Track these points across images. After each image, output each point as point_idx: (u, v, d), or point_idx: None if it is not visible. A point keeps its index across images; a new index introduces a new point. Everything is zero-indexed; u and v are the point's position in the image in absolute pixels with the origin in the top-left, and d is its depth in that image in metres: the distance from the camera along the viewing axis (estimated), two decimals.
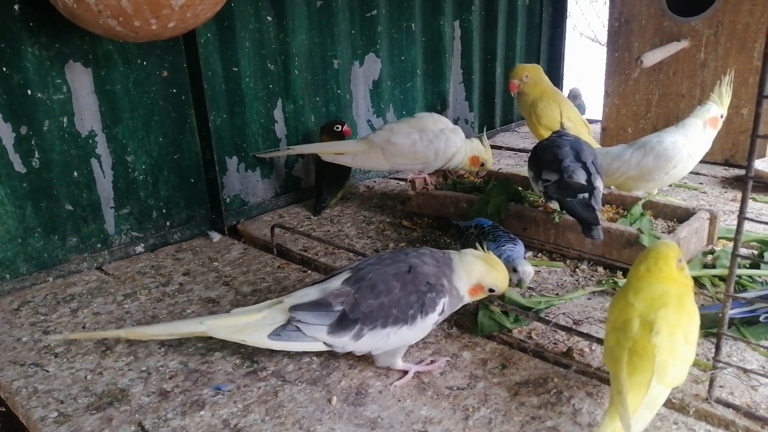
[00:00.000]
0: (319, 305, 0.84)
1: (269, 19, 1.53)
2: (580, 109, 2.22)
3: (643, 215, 1.25)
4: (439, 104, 2.12)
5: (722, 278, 1.09)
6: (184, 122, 1.42)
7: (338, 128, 1.61)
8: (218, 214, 1.49)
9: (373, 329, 0.83)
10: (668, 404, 0.79)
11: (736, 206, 1.50)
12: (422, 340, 0.94)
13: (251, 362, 0.92)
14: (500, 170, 1.61)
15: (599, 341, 0.87)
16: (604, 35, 2.47)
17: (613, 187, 1.41)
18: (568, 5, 2.67)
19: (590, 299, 1.07)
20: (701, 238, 1.20)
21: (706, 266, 1.13)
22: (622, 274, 1.14)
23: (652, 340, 0.69)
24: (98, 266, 1.31)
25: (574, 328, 0.93)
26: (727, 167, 1.82)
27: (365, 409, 0.81)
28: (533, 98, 1.78)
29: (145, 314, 1.09)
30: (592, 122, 2.06)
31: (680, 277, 0.74)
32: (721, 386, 0.81)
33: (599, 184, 1.15)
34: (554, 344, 0.94)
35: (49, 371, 0.92)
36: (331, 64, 1.71)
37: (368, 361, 0.90)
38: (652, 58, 1.65)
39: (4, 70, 1.13)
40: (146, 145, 1.37)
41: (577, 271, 1.18)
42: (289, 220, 1.55)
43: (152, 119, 1.36)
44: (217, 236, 1.47)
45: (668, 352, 0.69)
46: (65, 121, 1.23)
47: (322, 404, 0.82)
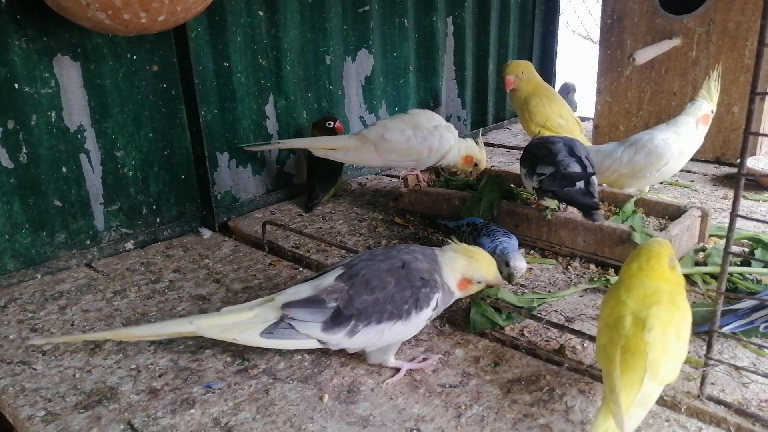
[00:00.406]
0: (312, 302, 0.83)
1: (261, 13, 1.52)
2: (572, 104, 2.22)
3: (635, 213, 1.25)
4: (431, 101, 2.12)
5: (714, 276, 1.09)
6: (174, 117, 1.40)
7: (330, 124, 1.60)
8: (209, 210, 1.48)
9: (367, 325, 0.82)
10: (660, 401, 0.79)
11: (726, 204, 1.50)
12: (414, 337, 0.93)
13: (242, 360, 0.91)
14: (492, 167, 1.61)
15: (591, 338, 0.87)
16: (596, 33, 2.47)
17: (605, 184, 1.41)
18: (560, 2, 2.67)
19: (582, 296, 1.07)
20: (693, 235, 1.21)
21: (697, 264, 1.14)
22: (614, 271, 1.14)
23: (644, 337, 0.69)
24: (87, 263, 1.30)
25: (566, 325, 0.93)
26: (717, 165, 1.83)
27: (357, 407, 0.80)
28: (526, 95, 1.77)
29: (134, 312, 1.08)
30: (584, 120, 2.06)
31: (672, 275, 0.74)
32: (712, 383, 0.81)
33: (593, 176, 1.16)
34: (546, 341, 0.94)
35: (36, 369, 0.90)
36: (323, 59, 1.70)
37: (360, 358, 0.90)
38: (644, 55, 1.65)
39: None
40: (136, 140, 1.35)
41: (569, 268, 1.18)
42: (280, 216, 1.55)
43: (142, 114, 1.35)
44: (207, 233, 1.45)
45: (660, 349, 0.69)
46: (53, 115, 1.21)
47: (313, 402, 0.82)
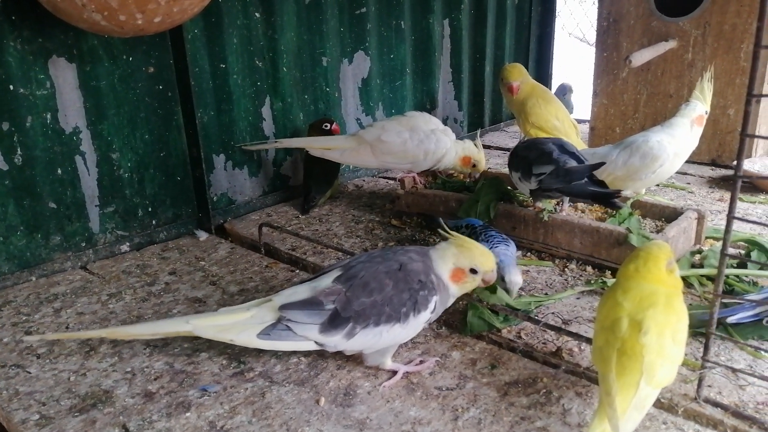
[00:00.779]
0: (309, 304, 0.83)
1: (257, 15, 1.52)
2: (568, 105, 2.22)
3: (631, 215, 1.25)
4: (428, 103, 2.12)
5: (710, 278, 1.09)
6: (170, 119, 1.40)
7: (327, 126, 1.60)
8: (205, 212, 1.48)
9: (365, 328, 0.82)
10: (657, 404, 0.78)
11: (722, 206, 1.51)
12: (411, 339, 0.93)
13: (238, 363, 0.91)
14: (490, 169, 1.61)
15: (588, 341, 0.87)
16: (592, 35, 2.48)
17: None
18: (557, 5, 2.68)
19: (579, 299, 1.07)
20: (689, 237, 1.21)
21: (693, 266, 1.14)
22: (610, 273, 1.14)
23: (640, 339, 0.69)
24: (82, 265, 1.29)
25: (563, 327, 0.93)
26: (713, 167, 1.83)
27: (354, 410, 0.80)
28: (524, 96, 1.78)
29: (130, 314, 1.07)
30: (580, 122, 2.06)
31: (669, 278, 0.74)
32: (709, 386, 0.81)
33: (598, 167, 1.16)
34: (543, 344, 0.93)
35: (30, 372, 0.90)
36: (319, 61, 1.70)
37: (357, 361, 0.90)
38: (640, 57, 1.65)
39: None
40: (132, 142, 1.35)
41: (566, 270, 1.18)
42: (277, 218, 1.54)
43: (138, 116, 1.34)
44: (203, 235, 1.45)
45: (657, 352, 0.68)
46: (49, 117, 1.21)
47: (310, 405, 0.81)
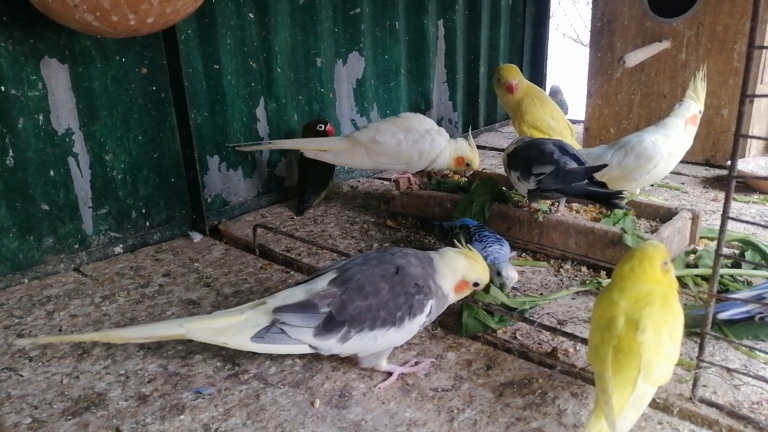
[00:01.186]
0: (304, 307, 0.82)
1: (251, 16, 1.52)
2: (561, 106, 2.23)
3: (626, 215, 1.25)
4: (423, 103, 2.12)
5: (705, 278, 1.09)
6: (164, 120, 1.39)
7: (321, 127, 1.60)
8: (199, 214, 1.47)
9: (360, 331, 0.81)
10: (652, 404, 0.78)
11: (717, 206, 1.51)
12: (406, 341, 0.93)
13: (232, 365, 0.90)
14: (484, 170, 1.61)
15: (584, 341, 0.87)
16: (586, 36, 2.48)
17: None
18: (551, 5, 2.69)
19: (574, 299, 1.07)
20: (684, 237, 1.21)
21: (688, 266, 1.14)
22: (605, 273, 1.14)
23: (638, 337, 0.69)
24: (75, 267, 1.28)
25: (558, 328, 0.93)
26: (707, 167, 1.84)
27: (349, 411, 0.80)
28: (519, 96, 1.78)
29: (123, 316, 1.07)
30: (574, 122, 2.07)
31: (664, 278, 0.74)
32: (704, 385, 0.81)
33: (600, 168, 1.16)
34: (539, 344, 0.93)
35: (23, 375, 0.89)
36: (314, 62, 1.70)
37: (352, 363, 0.89)
38: (634, 58, 1.66)
39: None
40: (125, 143, 1.34)
41: (561, 270, 1.18)
42: (271, 220, 1.54)
43: (131, 117, 1.34)
44: (198, 236, 1.44)
45: (654, 350, 0.68)
46: (41, 118, 1.20)
47: (305, 407, 0.81)
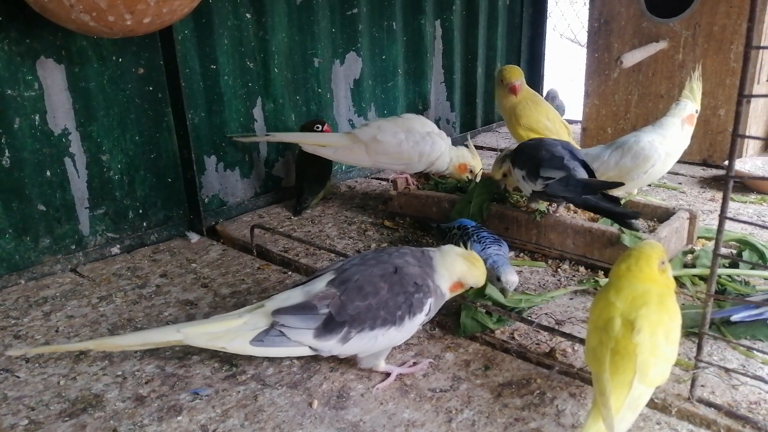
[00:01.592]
0: (303, 308, 0.82)
1: (248, 16, 1.51)
2: (559, 110, 2.23)
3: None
4: (420, 104, 2.12)
5: (702, 277, 1.09)
6: (161, 120, 1.39)
7: (318, 128, 1.59)
8: (196, 214, 1.47)
9: (360, 332, 0.81)
10: (651, 404, 0.78)
11: (714, 206, 1.51)
12: (405, 341, 0.93)
13: (230, 366, 0.90)
14: (482, 170, 1.61)
15: (582, 341, 0.87)
16: (583, 36, 2.48)
17: None
18: (548, 6, 2.69)
19: (572, 299, 1.07)
20: (681, 237, 1.21)
21: (686, 266, 1.14)
22: (603, 273, 1.14)
23: (633, 338, 0.69)
24: (72, 268, 1.28)
25: (556, 328, 0.93)
26: (705, 167, 1.84)
27: (347, 412, 0.80)
28: (519, 98, 1.77)
29: (120, 317, 1.06)
30: (572, 123, 2.07)
31: (661, 278, 0.74)
32: (702, 385, 0.81)
33: (616, 185, 1.14)
34: (537, 345, 0.93)
35: (20, 377, 0.89)
36: (311, 62, 1.69)
37: (350, 363, 0.89)
38: (631, 58, 1.66)
39: None
40: (122, 143, 1.34)
41: (558, 270, 1.18)
42: (269, 220, 1.53)
43: (128, 117, 1.33)
44: (195, 237, 1.44)
45: (650, 351, 0.68)
46: (37, 118, 1.19)
47: (302, 408, 0.81)
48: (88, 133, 1.28)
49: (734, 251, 1.20)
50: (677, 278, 1.07)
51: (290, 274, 1.23)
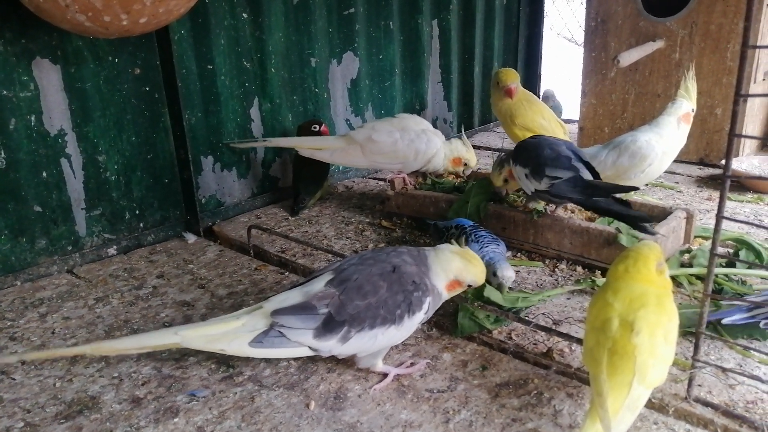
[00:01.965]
0: (303, 308, 0.82)
1: (245, 16, 1.51)
2: (555, 110, 2.24)
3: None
4: (417, 103, 2.12)
5: (699, 277, 1.09)
6: (157, 121, 1.39)
7: (316, 128, 1.59)
8: (193, 215, 1.46)
9: (360, 331, 0.81)
10: (648, 404, 0.78)
11: (711, 205, 1.51)
12: (402, 341, 0.92)
13: (227, 367, 0.90)
14: (479, 170, 1.61)
15: (579, 341, 0.87)
16: (580, 35, 2.48)
17: None
18: (545, 5, 2.69)
19: (569, 299, 1.07)
20: (678, 237, 1.21)
21: (683, 265, 1.14)
22: (600, 273, 1.14)
23: (632, 340, 0.69)
24: (69, 269, 1.28)
25: (553, 328, 0.93)
26: (701, 166, 1.84)
27: (344, 413, 0.79)
28: (515, 100, 1.77)
29: (117, 318, 1.06)
30: (569, 122, 2.07)
31: (659, 278, 0.74)
32: (699, 385, 0.81)
33: (629, 190, 1.12)
34: (534, 345, 0.93)
35: (15, 379, 0.88)
36: (308, 62, 1.69)
37: (347, 364, 0.89)
38: (628, 57, 1.66)
39: None
40: (118, 144, 1.33)
41: (556, 270, 1.18)
42: (266, 220, 1.53)
43: (124, 118, 1.33)
44: (192, 238, 1.44)
45: (649, 352, 0.68)
46: (33, 119, 1.19)
47: (300, 409, 0.80)
48: (84, 133, 1.27)
49: (731, 251, 1.20)
50: (674, 278, 1.07)
51: (287, 274, 1.22)
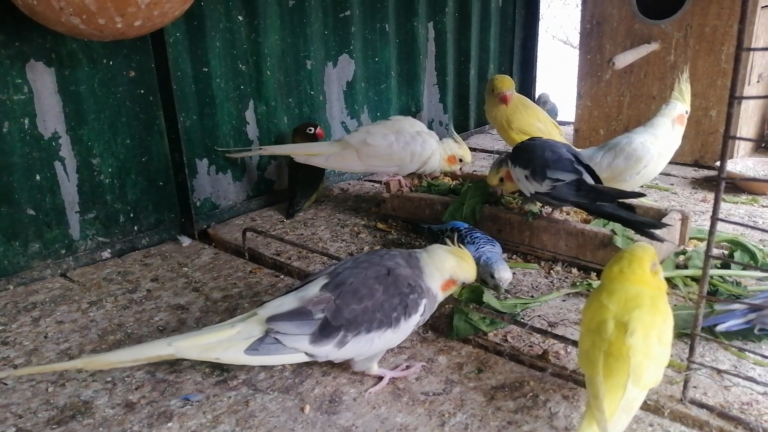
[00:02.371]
0: (298, 314, 0.81)
1: (240, 18, 1.51)
2: (551, 112, 2.24)
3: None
4: (413, 106, 2.11)
5: (694, 278, 1.10)
6: (152, 124, 1.38)
7: (311, 130, 1.59)
8: (188, 218, 1.46)
9: (357, 335, 0.80)
10: (643, 406, 0.78)
11: (706, 207, 1.52)
12: (397, 344, 0.92)
13: (221, 371, 0.89)
14: (475, 172, 1.61)
15: (574, 343, 0.87)
16: (576, 38, 2.49)
17: None
18: (540, 8, 2.69)
19: (565, 301, 1.07)
20: (673, 238, 1.21)
21: (678, 267, 1.14)
22: (596, 275, 1.14)
23: (626, 341, 0.69)
24: (62, 273, 1.27)
25: (549, 330, 0.93)
26: (696, 168, 1.85)
27: (339, 417, 0.79)
28: (510, 107, 1.77)
29: (111, 322, 1.06)
30: (564, 124, 2.07)
31: (653, 280, 0.74)
32: (695, 387, 0.81)
33: (635, 196, 1.11)
34: (530, 347, 0.93)
35: (7, 384, 0.88)
36: (304, 64, 1.69)
37: (342, 367, 0.89)
38: (623, 60, 1.66)
39: None
40: (113, 147, 1.33)
41: (551, 272, 1.18)
42: (261, 223, 1.53)
43: (119, 121, 1.32)
44: (186, 241, 1.43)
45: (643, 353, 0.68)
46: (27, 122, 1.19)
47: (294, 413, 0.80)
48: (78, 136, 1.27)
49: (726, 252, 1.20)
50: (669, 279, 1.07)
51: (282, 277, 1.22)
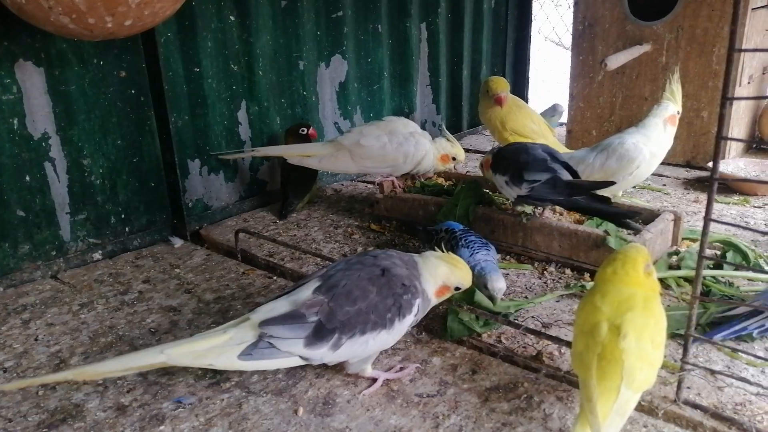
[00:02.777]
0: (291, 317, 0.80)
1: (232, 18, 1.50)
2: (556, 114, 2.26)
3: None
4: (406, 107, 2.11)
5: (687, 279, 1.10)
6: (143, 124, 1.37)
7: (304, 131, 1.58)
8: (180, 219, 1.45)
9: (351, 337, 0.80)
10: (637, 407, 0.78)
11: (698, 207, 1.52)
12: (391, 346, 0.92)
13: (214, 374, 0.89)
14: (468, 173, 1.61)
15: (568, 344, 0.86)
16: (568, 39, 2.50)
17: None
18: (533, 9, 2.70)
19: (558, 302, 1.07)
20: (666, 239, 1.22)
21: (671, 267, 1.15)
22: (589, 275, 1.15)
23: (619, 344, 0.68)
24: (53, 275, 1.26)
25: (543, 331, 0.93)
26: (688, 169, 1.86)
27: (333, 419, 0.79)
28: (505, 108, 1.78)
29: (102, 324, 1.04)
30: (556, 125, 2.08)
31: (647, 281, 0.74)
32: (688, 387, 0.81)
33: (606, 185, 1.14)
34: (524, 348, 0.93)
35: None
36: (296, 65, 1.68)
37: (336, 369, 0.88)
38: (615, 61, 1.67)
39: None
40: (103, 147, 1.32)
41: (545, 273, 1.18)
42: (254, 224, 1.52)
43: (110, 121, 1.31)
44: (178, 242, 1.42)
45: (636, 356, 0.68)
46: (15, 122, 1.17)
47: (288, 416, 0.80)
48: (68, 137, 1.26)
49: (718, 252, 1.21)
50: (662, 280, 1.07)
51: (275, 278, 1.21)
